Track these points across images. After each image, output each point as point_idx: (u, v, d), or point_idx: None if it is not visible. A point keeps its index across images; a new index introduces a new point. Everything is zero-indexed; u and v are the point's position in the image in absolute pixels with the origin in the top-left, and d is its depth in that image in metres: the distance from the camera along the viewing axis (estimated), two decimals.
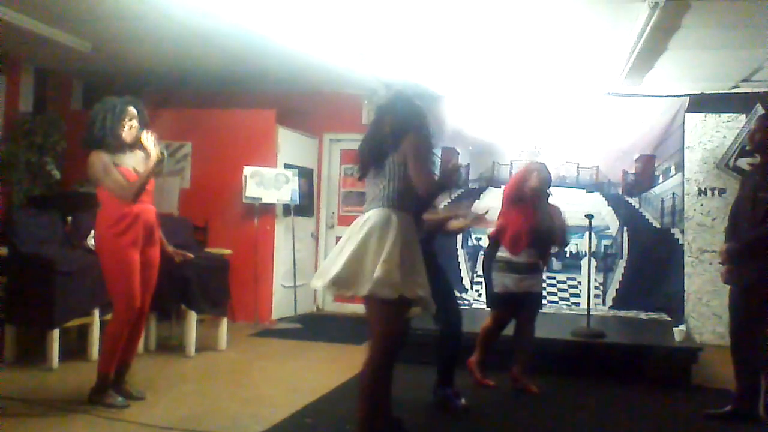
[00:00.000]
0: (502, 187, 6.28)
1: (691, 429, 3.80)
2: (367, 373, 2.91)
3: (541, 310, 4.73)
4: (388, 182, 2.95)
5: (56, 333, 4.60)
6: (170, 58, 6.68)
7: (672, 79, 6.44)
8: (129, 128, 3.78)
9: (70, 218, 5.39)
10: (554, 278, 6.52)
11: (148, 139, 3.78)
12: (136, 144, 3.82)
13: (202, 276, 5.29)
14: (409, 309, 2.93)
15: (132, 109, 3.81)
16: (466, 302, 6.45)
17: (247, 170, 6.76)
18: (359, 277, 2.83)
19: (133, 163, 3.82)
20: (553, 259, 6.54)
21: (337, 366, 5.02)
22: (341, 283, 2.88)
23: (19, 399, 3.86)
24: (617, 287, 6.38)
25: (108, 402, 3.76)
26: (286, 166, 7.21)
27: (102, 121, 3.74)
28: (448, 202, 6.80)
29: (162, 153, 3.79)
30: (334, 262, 2.92)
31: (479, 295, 6.44)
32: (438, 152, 6.43)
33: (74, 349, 4.99)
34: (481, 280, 6.34)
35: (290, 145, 7.41)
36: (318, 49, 5.93)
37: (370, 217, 2.92)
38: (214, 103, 7.60)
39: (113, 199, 3.73)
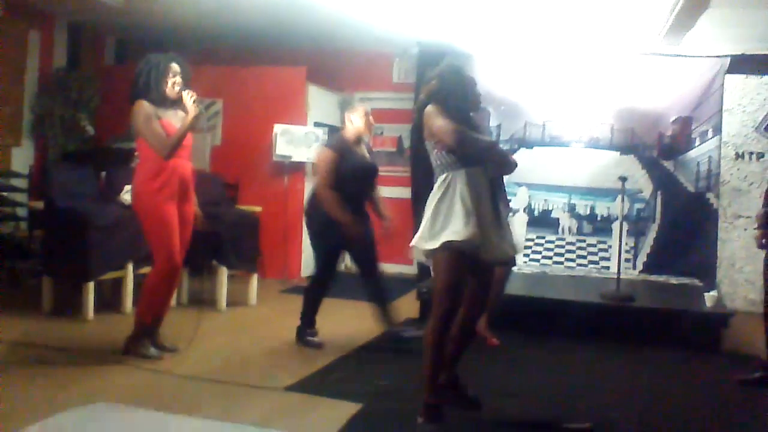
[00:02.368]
0: (534, 147, 6.27)
1: (719, 394, 3.79)
2: (428, 327, 3.01)
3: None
4: (432, 150, 3.08)
5: (91, 286, 4.72)
6: (201, 14, 6.65)
7: (712, 38, 6.25)
8: (172, 84, 3.81)
9: (104, 173, 5.46)
10: (584, 241, 6.47)
11: (188, 96, 3.78)
12: (179, 101, 3.83)
13: (233, 233, 5.35)
14: (464, 262, 2.96)
15: (175, 66, 3.84)
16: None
17: (278, 128, 6.77)
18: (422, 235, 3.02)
19: (176, 119, 3.84)
20: (584, 222, 6.49)
21: (365, 323, 5.06)
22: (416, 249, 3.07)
23: (56, 348, 3.98)
24: (648, 251, 6.31)
25: (142, 352, 3.85)
26: (316, 124, 7.20)
27: (147, 76, 3.77)
28: None
29: (201, 110, 3.80)
30: None
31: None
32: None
33: (108, 301, 5.11)
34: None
35: (320, 103, 7.38)
36: (349, 5, 5.85)
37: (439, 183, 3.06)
38: (245, 60, 7.57)
39: (152, 152, 3.76)
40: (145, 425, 1.49)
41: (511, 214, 4.86)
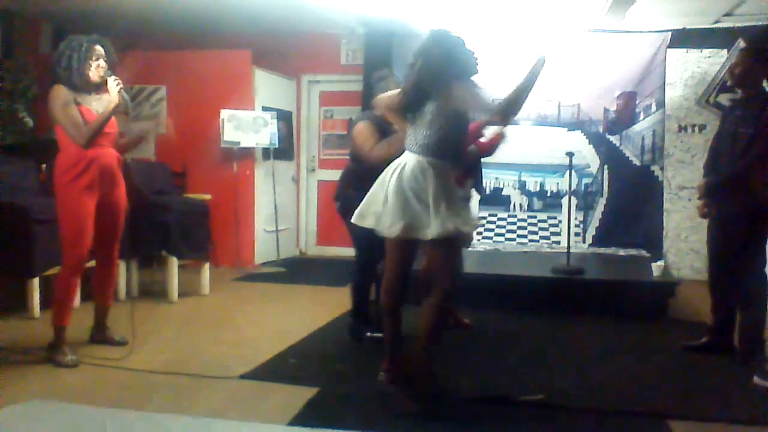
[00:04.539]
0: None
1: (667, 360, 3.89)
2: (429, 313, 3.00)
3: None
4: (428, 130, 2.98)
5: (36, 281, 4.58)
6: None
7: (654, 14, 6.35)
8: (96, 67, 3.62)
9: (44, 166, 5.29)
10: (535, 217, 6.56)
11: (113, 83, 3.60)
12: (103, 85, 3.65)
13: (182, 221, 5.25)
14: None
15: (99, 48, 3.65)
16: None
17: (224, 113, 6.65)
18: (420, 223, 2.93)
19: (98, 105, 3.66)
20: (534, 198, 6.58)
21: (321, 308, 5.06)
22: (408, 230, 2.95)
23: (2, 347, 3.86)
24: (597, 225, 6.44)
25: (58, 359, 3.61)
26: (264, 108, 7.10)
27: (68, 59, 3.57)
28: None
29: (124, 98, 3.63)
30: (382, 205, 3.00)
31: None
32: None
33: None
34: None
35: (267, 87, 7.28)
36: None
37: (409, 163, 2.98)
38: (188, 45, 7.40)
39: (70, 141, 3.58)
40: (82, 421, 1.44)
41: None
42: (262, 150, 7.11)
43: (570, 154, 5.14)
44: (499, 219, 6.58)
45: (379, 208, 3.02)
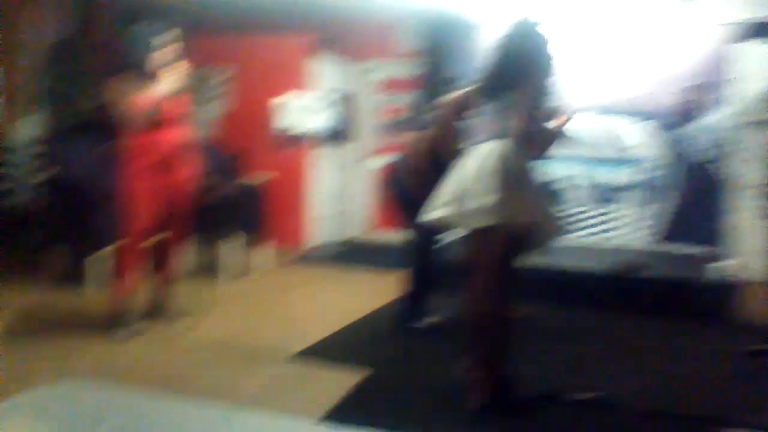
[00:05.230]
0: None
1: (729, 364, 3.76)
2: (473, 307, 2.98)
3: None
4: (514, 116, 2.96)
5: (100, 256, 4.71)
6: None
7: (725, 4, 6.11)
8: (164, 53, 3.75)
9: (104, 146, 5.43)
10: (594, 210, 6.40)
11: (176, 68, 3.74)
12: (169, 69, 3.78)
13: (239, 202, 5.34)
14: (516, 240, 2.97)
15: (168, 36, 3.79)
16: None
17: (284, 97, 6.71)
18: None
19: (161, 89, 3.77)
20: (593, 191, 6.43)
21: (375, 291, 5.07)
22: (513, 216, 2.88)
23: (66, 318, 4.00)
24: (659, 220, 6.26)
25: (114, 332, 3.76)
26: (323, 93, 7.13)
27: (140, 44, 3.73)
28: None
29: (187, 83, 3.77)
30: (473, 196, 2.90)
31: None
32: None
33: None
34: None
35: (327, 71, 7.30)
36: None
37: (497, 149, 2.92)
38: (251, 29, 7.48)
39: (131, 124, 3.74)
40: (113, 403, 1.48)
41: None
42: (321, 134, 7.14)
43: (632, 147, 5.00)
44: (557, 212, 6.46)
45: (473, 201, 2.87)
